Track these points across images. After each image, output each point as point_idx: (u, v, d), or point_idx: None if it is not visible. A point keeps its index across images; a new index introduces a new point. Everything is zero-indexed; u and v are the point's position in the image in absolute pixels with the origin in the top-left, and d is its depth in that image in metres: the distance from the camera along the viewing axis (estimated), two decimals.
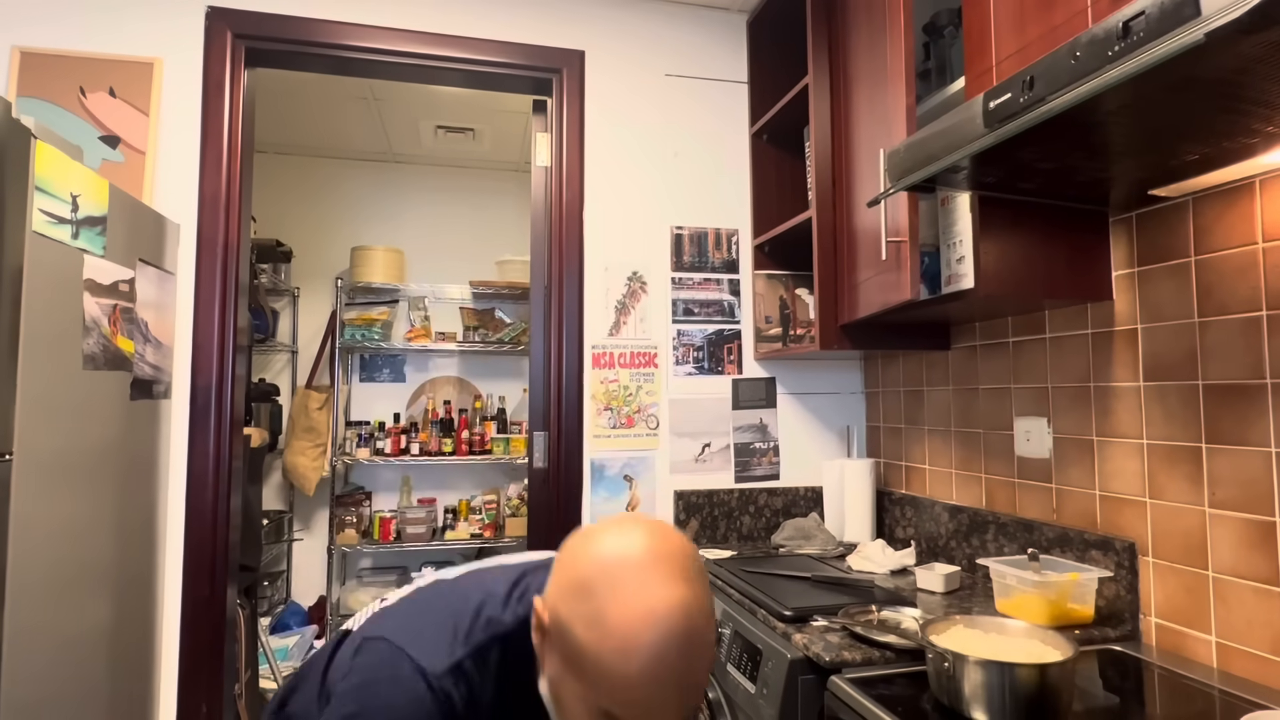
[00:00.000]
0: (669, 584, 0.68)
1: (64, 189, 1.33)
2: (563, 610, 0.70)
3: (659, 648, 0.66)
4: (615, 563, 0.69)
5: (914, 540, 1.93)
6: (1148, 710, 1.10)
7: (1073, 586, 1.33)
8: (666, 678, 0.66)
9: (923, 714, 1.03)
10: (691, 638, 0.67)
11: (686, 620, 0.67)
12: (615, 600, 0.67)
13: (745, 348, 2.19)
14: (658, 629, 0.66)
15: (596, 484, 2.05)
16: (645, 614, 0.66)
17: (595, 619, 0.67)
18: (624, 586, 0.68)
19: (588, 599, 0.68)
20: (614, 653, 0.66)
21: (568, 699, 0.70)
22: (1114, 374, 1.39)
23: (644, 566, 0.69)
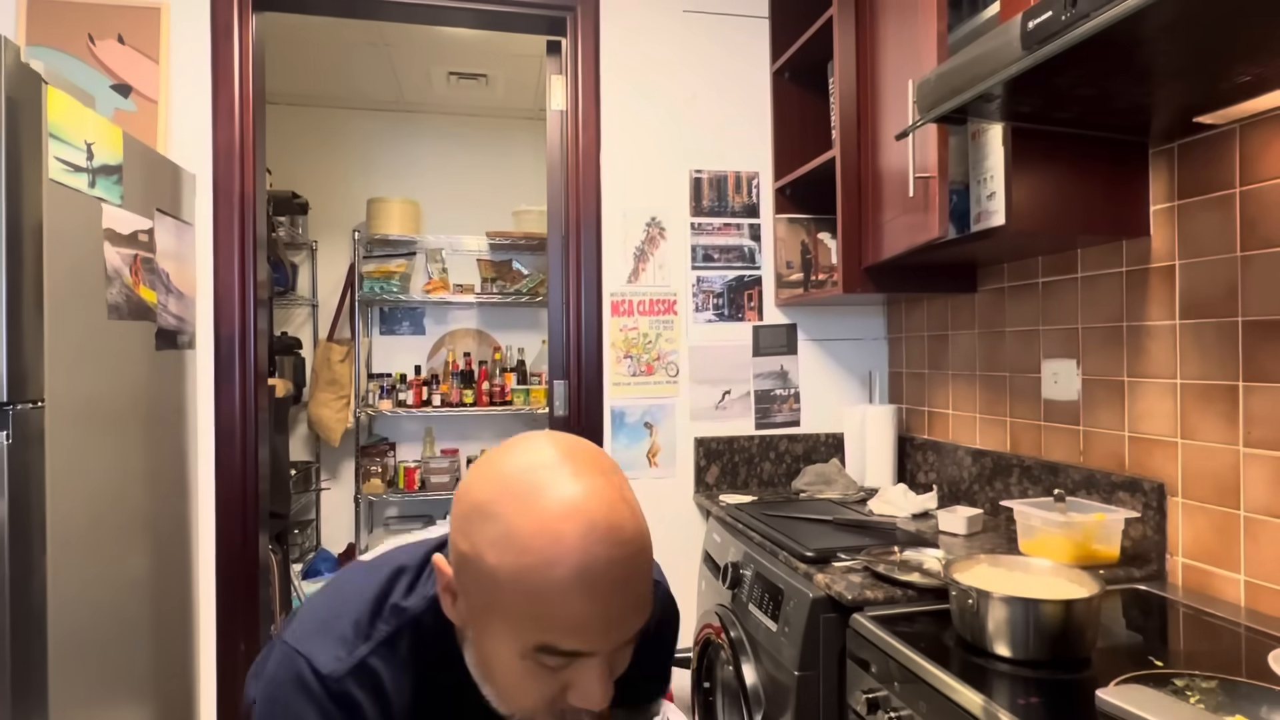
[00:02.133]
0: (579, 478, 0.58)
1: (78, 136, 1.32)
2: (465, 546, 0.59)
3: (583, 546, 0.56)
4: (513, 473, 0.59)
5: (936, 485, 1.93)
6: (1171, 647, 1.10)
7: (1098, 527, 1.32)
8: (599, 581, 0.56)
9: (945, 650, 1.04)
10: (616, 530, 0.57)
11: (609, 510, 0.57)
12: (522, 510, 0.57)
13: (766, 294, 2.16)
14: (577, 525, 0.56)
15: (617, 431, 2.06)
16: (559, 513, 0.56)
17: (504, 538, 0.57)
18: (529, 493, 0.57)
19: (491, 521, 0.58)
20: (533, 568, 0.55)
21: (495, 652, 0.60)
22: (1148, 313, 1.35)
23: (546, 467, 0.59)
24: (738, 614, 1.57)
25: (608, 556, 0.56)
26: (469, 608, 0.62)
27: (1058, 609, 0.97)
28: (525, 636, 0.57)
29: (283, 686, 0.64)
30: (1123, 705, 0.75)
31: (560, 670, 0.59)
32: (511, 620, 0.57)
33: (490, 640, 0.60)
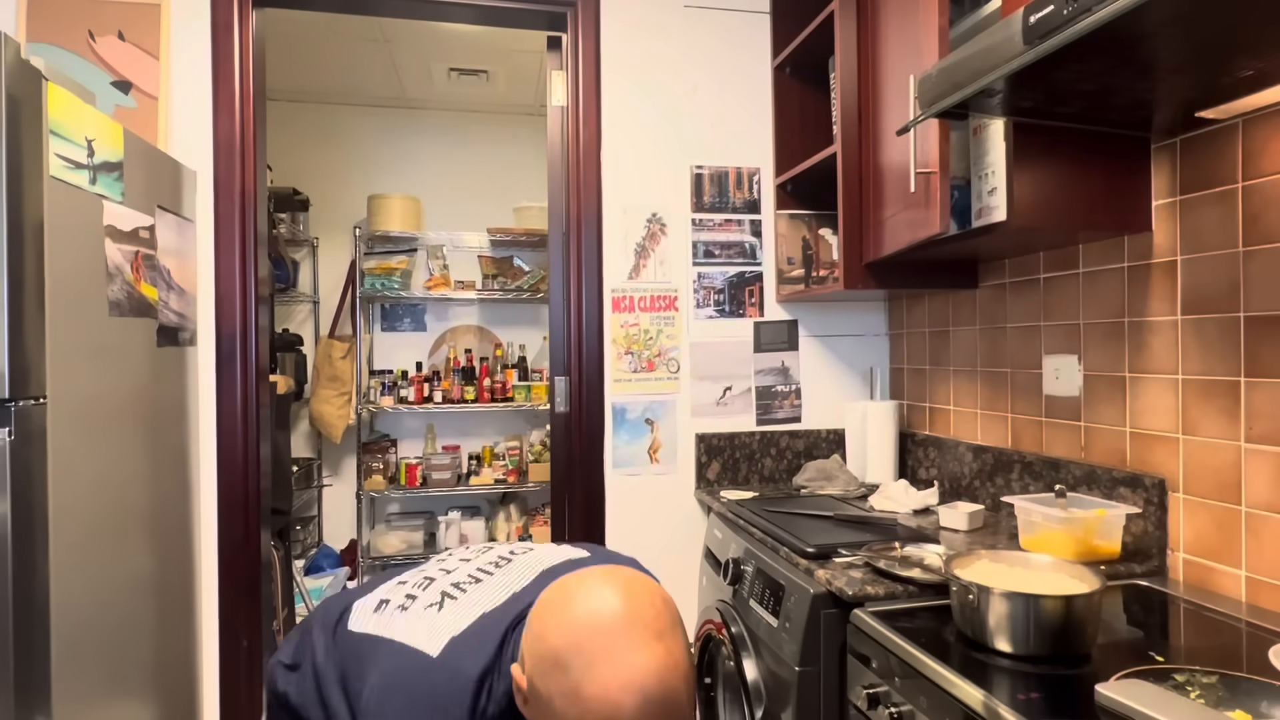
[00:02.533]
0: (643, 649, 0.68)
1: (79, 133, 1.32)
2: (539, 685, 0.70)
3: (638, 706, 0.66)
4: (587, 633, 0.69)
5: (937, 481, 1.93)
6: (1172, 643, 1.10)
7: (1099, 523, 1.32)
8: None
9: (946, 645, 1.04)
10: (669, 703, 0.67)
11: (663, 688, 0.67)
12: (590, 674, 0.67)
13: (767, 290, 2.16)
14: (634, 701, 0.66)
15: (618, 427, 2.06)
16: (622, 687, 0.66)
17: (573, 694, 0.67)
18: (598, 659, 0.67)
19: (563, 673, 0.68)
20: (608, 699, 0.66)
21: None
22: (1150, 308, 1.35)
23: (615, 633, 0.69)
24: (739, 610, 1.57)
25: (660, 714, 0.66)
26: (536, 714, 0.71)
27: (1058, 604, 0.97)
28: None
29: None
30: (1123, 700, 0.75)
31: None
32: None
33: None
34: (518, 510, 3.54)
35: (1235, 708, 0.77)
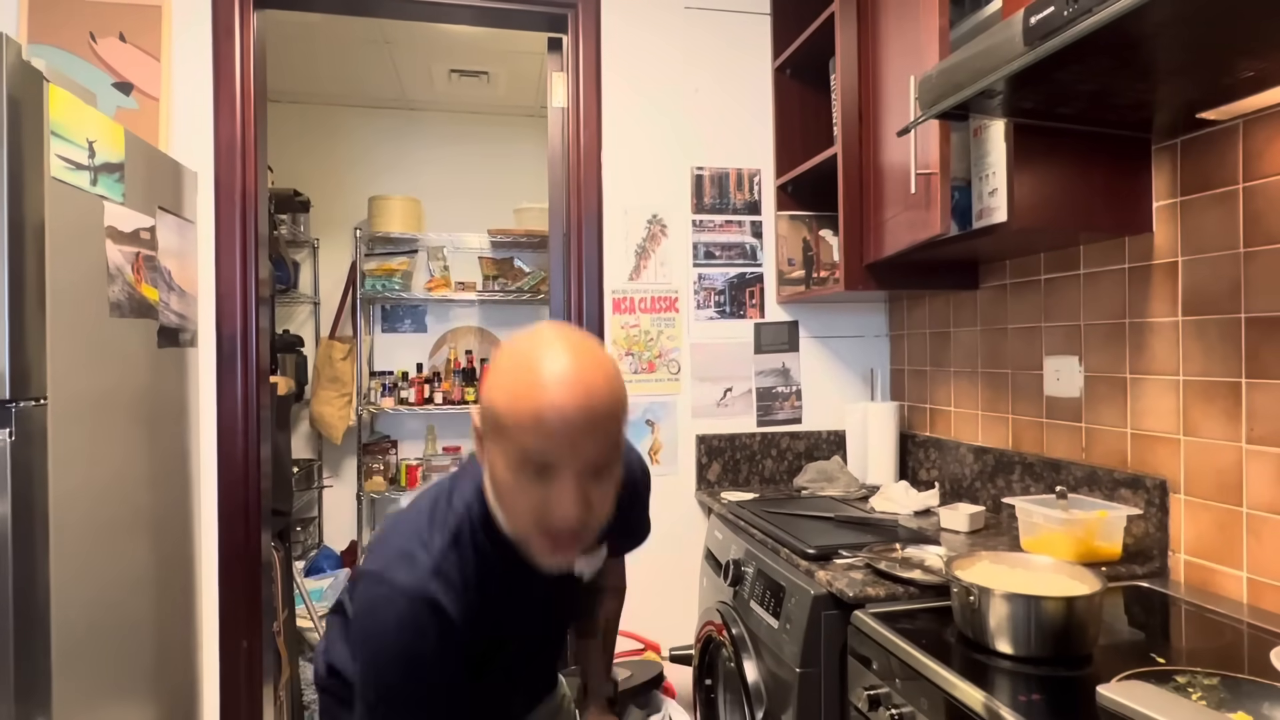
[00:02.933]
0: (568, 355, 0.78)
1: (80, 134, 1.32)
2: (484, 399, 0.81)
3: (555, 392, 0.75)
4: (521, 350, 0.80)
5: (938, 482, 1.92)
6: (1174, 644, 1.10)
7: (1100, 524, 1.32)
8: (563, 413, 0.74)
9: (947, 647, 1.04)
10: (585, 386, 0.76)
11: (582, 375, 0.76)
12: (525, 366, 0.77)
13: (767, 291, 2.16)
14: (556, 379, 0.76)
15: None
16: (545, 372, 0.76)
17: (504, 387, 0.77)
18: (528, 362, 0.78)
19: (500, 378, 0.79)
20: (521, 399, 0.75)
21: (499, 474, 0.79)
22: (1151, 309, 1.35)
23: (545, 345, 0.79)
24: (739, 611, 1.57)
25: (575, 399, 0.75)
26: (487, 444, 0.81)
27: (1059, 606, 0.97)
28: (514, 451, 0.76)
29: (373, 607, 0.79)
30: (1124, 701, 0.75)
31: (541, 485, 0.77)
32: (507, 441, 0.77)
33: (496, 461, 0.79)
34: None
35: (1237, 709, 0.77)
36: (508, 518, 0.83)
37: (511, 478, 0.78)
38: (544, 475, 0.76)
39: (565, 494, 0.77)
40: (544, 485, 0.77)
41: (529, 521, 0.79)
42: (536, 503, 0.78)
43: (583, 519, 0.78)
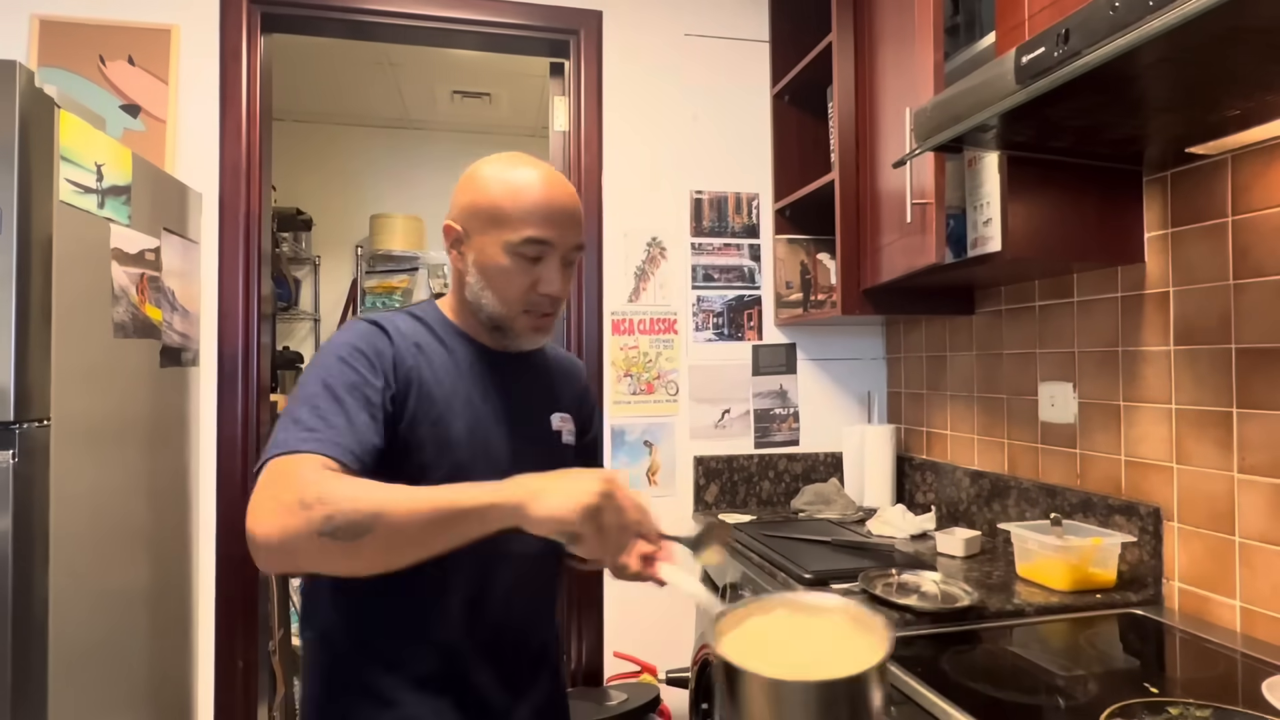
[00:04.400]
0: (545, 165, 0.96)
1: (89, 158, 1.34)
2: (469, 198, 0.95)
3: (547, 176, 0.94)
4: (510, 160, 0.96)
5: (934, 505, 1.93)
6: (1168, 673, 1.11)
7: (1095, 551, 1.32)
8: (556, 194, 0.93)
9: (942, 674, 1.04)
10: (567, 184, 0.96)
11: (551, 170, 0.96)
12: (520, 172, 0.93)
13: (765, 313, 2.18)
14: (544, 170, 0.94)
15: (617, 449, 2.07)
16: (525, 166, 0.94)
17: (496, 177, 0.93)
18: (521, 166, 0.94)
19: (487, 174, 0.95)
20: (518, 183, 0.92)
21: (492, 259, 0.92)
22: (1143, 338, 1.37)
23: (527, 159, 0.96)
24: None
25: (558, 186, 0.94)
26: (473, 238, 0.94)
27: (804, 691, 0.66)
28: (514, 234, 0.91)
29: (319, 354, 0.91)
30: None
31: (533, 265, 0.92)
32: (508, 230, 0.91)
33: (489, 251, 0.93)
34: None
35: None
36: (498, 300, 0.94)
37: (507, 262, 0.92)
38: (536, 257, 0.92)
39: (553, 272, 0.93)
40: (534, 267, 0.92)
41: (519, 299, 0.93)
42: (528, 282, 0.92)
43: (563, 293, 0.95)
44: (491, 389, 0.98)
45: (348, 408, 0.83)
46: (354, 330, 0.92)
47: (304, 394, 0.85)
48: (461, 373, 0.96)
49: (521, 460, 0.91)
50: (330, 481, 0.74)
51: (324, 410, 0.82)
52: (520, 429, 1.00)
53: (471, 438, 0.94)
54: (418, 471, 0.88)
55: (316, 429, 0.80)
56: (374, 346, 0.90)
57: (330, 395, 0.83)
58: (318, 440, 0.79)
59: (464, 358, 0.98)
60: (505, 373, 1.00)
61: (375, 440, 0.84)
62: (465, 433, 0.93)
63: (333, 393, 0.84)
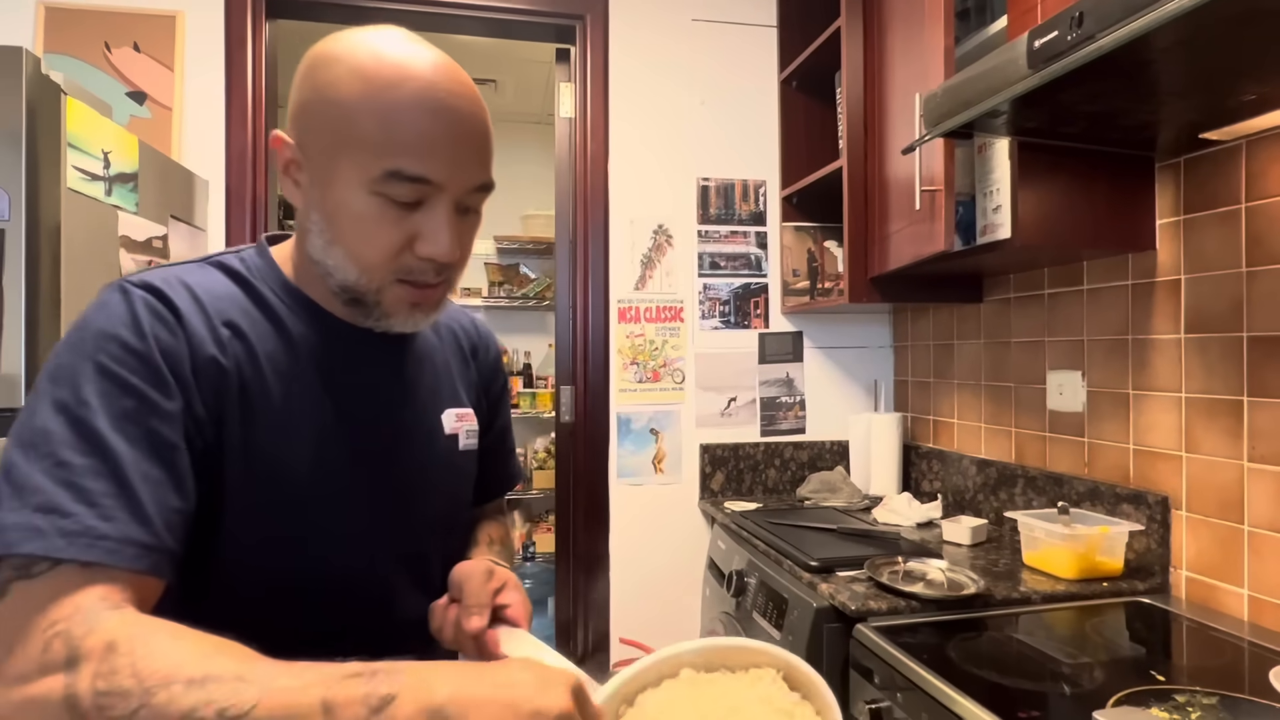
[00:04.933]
0: (424, 43, 0.63)
1: (95, 146, 1.34)
2: (307, 96, 0.62)
3: (430, 70, 0.59)
4: (353, 34, 0.62)
5: (940, 494, 1.93)
6: (1174, 661, 1.11)
7: (1102, 540, 1.32)
8: (445, 102, 0.59)
9: (948, 661, 1.05)
10: (459, 75, 0.62)
11: (451, 63, 0.62)
12: (370, 52, 0.60)
13: (772, 301, 2.17)
14: (424, 58, 0.60)
15: (623, 437, 2.07)
16: (406, 52, 0.60)
17: (351, 72, 0.59)
18: (376, 44, 0.61)
19: (335, 63, 0.60)
20: (383, 85, 0.58)
21: (344, 198, 0.59)
22: (1154, 326, 1.36)
23: (397, 34, 0.63)
24: (741, 622, 1.58)
25: (452, 85, 0.60)
26: (314, 162, 0.61)
27: None
28: (374, 164, 0.58)
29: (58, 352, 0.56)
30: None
31: (409, 213, 0.60)
32: (361, 149, 0.58)
33: (339, 186, 0.60)
34: (522, 517, 3.55)
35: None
36: (353, 262, 0.62)
37: (367, 203, 0.59)
38: (414, 202, 0.60)
39: (439, 224, 0.60)
40: (410, 215, 0.60)
41: (384, 262, 0.61)
42: (399, 239, 0.60)
43: (454, 255, 0.62)
44: (350, 386, 0.67)
45: (123, 460, 0.51)
46: (114, 308, 0.56)
47: (32, 433, 0.50)
48: (302, 366, 0.64)
49: (403, 493, 0.69)
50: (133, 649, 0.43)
51: (77, 470, 0.49)
52: (399, 444, 0.70)
53: (320, 470, 0.63)
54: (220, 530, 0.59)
55: (70, 509, 0.48)
56: (154, 338, 0.56)
57: (89, 439, 0.50)
58: (79, 538, 0.47)
59: (307, 340, 0.65)
60: (373, 359, 0.69)
61: (178, 505, 0.54)
62: (310, 463, 0.63)
63: (93, 434, 0.51)
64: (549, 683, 0.45)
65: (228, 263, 0.67)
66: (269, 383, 0.62)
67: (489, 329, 0.90)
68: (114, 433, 0.51)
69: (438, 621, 0.67)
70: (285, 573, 0.63)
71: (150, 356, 0.55)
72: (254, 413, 0.61)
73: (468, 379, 0.82)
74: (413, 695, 0.43)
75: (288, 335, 0.65)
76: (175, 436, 0.55)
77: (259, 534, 0.61)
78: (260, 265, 0.68)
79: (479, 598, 0.65)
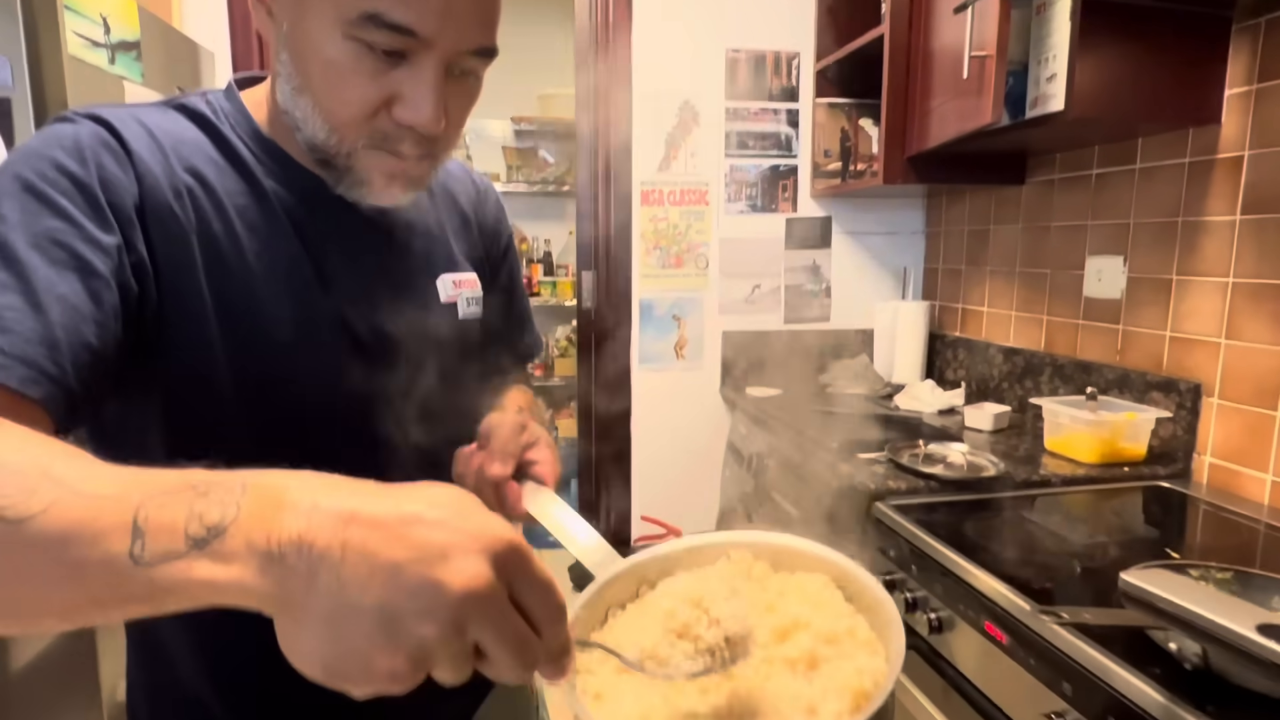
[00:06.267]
0: None
1: (93, 9, 1.27)
2: None
3: None
4: None
5: (964, 382, 1.92)
6: (1189, 541, 1.13)
7: (1128, 426, 1.32)
8: None
9: (964, 538, 1.07)
10: None
11: None
12: None
13: (801, 184, 2.09)
14: None
15: (645, 323, 2.07)
16: None
17: None
18: None
19: None
20: None
21: (315, 40, 0.51)
22: (1207, 207, 1.29)
23: None
24: (760, 502, 1.62)
25: None
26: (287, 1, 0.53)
27: None
28: (351, 1, 0.49)
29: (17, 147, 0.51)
30: (1146, 587, 0.77)
31: (389, 68, 0.52)
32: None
33: (310, 22, 0.51)
34: (544, 404, 3.63)
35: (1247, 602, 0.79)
36: (321, 117, 0.54)
37: (340, 49, 0.51)
38: (395, 53, 0.51)
39: (424, 86, 0.52)
40: (392, 70, 0.52)
41: (358, 121, 0.53)
42: (375, 96, 0.52)
43: (437, 125, 0.53)
44: (331, 252, 0.60)
45: (36, 277, 0.45)
46: (57, 133, 0.51)
47: None
48: (277, 224, 0.57)
49: (394, 365, 0.62)
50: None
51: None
52: (388, 312, 0.63)
53: (302, 341, 0.57)
54: (186, 401, 0.54)
55: None
56: (96, 167, 0.50)
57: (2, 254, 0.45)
58: None
59: (281, 198, 0.58)
60: (355, 222, 0.61)
61: (92, 342, 0.47)
62: (292, 326, 0.57)
63: (7, 249, 0.46)
64: (467, 536, 0.31)
65: (193, 105, 0.59)
66: (239, 236, 0.55)
67: (486, 179, 0.81)
68: (31, 250, 0.46)
69: (461, 467, 0.62)
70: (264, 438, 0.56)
71: (88, 185, 0.49)
72: (224, 267, 0.54)
73: (467, 240, 0.74)
74: (254, 524, 0.31)
75: (260, 190, 0.58)
76: (104, 269, 0.48)
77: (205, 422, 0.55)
78: (229, 110, 0.60)
79: (507, 447, 0.60)
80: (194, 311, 0.53)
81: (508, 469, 0.59)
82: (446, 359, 0.68)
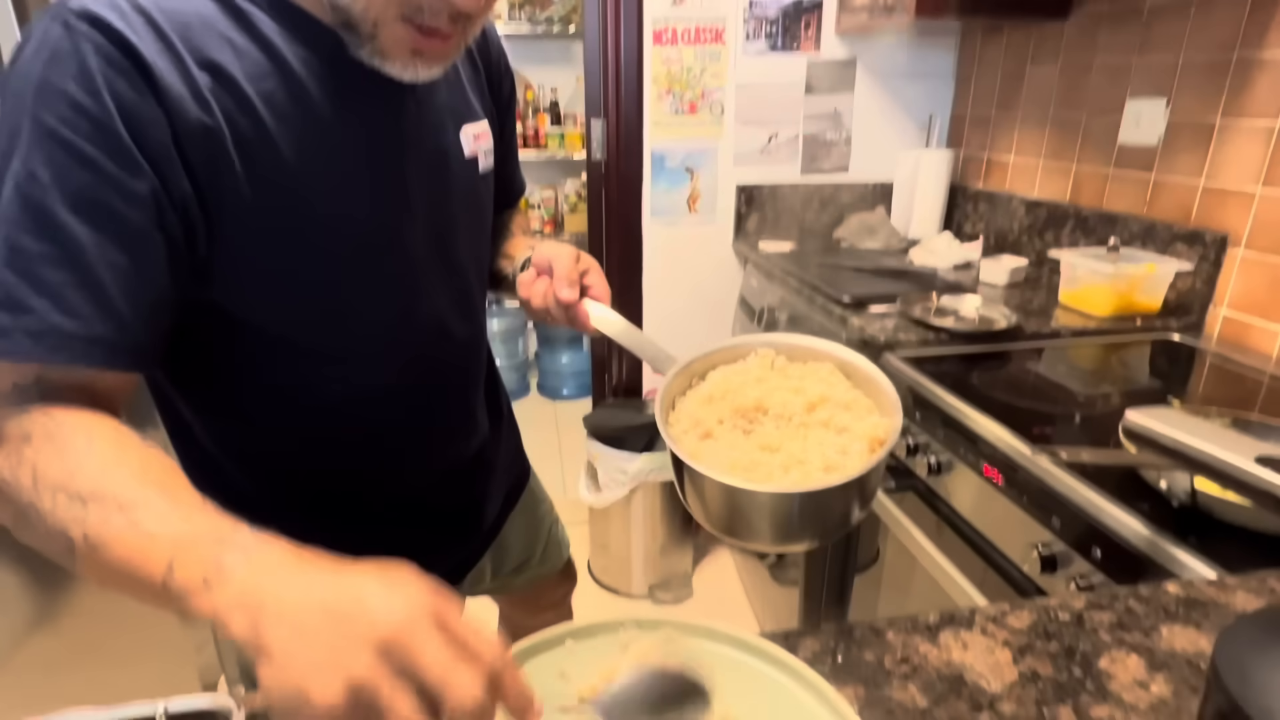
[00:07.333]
0: None
1: None
2: None
3: None
4: None
5: (983, 235, 1.88)
6: (1191, 390, 1.15)
7: (1146, 278, 1.30)
8: None
9: (969, 386, 1.09)
10: None
11: None
12: None
13: (826, 20, 1.93)
14: None
15: (657, 176, 2.00)
16: None
17: None
18: None
19: None
20: None
21: None
22: (1268, 39, 1.19)
23: None
24: None
25: None
26: None
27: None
28: None
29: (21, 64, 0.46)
30: (1148, 425, 0.79)
31: None
32: None
33: None
34: None
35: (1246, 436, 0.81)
36: None
37: None
38: None
39: None
40: None
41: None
42: None
43: (478, 4, 0.52)
44: (366, 118, 0.58)
45: (85, 247, 0.45)
46: (59, 53, 0.45)
47: None
48: (308, 102, 0.54)
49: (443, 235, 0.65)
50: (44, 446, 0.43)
51: (34, 258, 0.44)
52: (430, 177, 0.63)
53: (350, 225, 0.57)
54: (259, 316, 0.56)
55: (31, 304, 0.44)
56: (111, 97, 0.45)
57: (43, 223, 0.44)
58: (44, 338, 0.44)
59: (309, 65, 0.54)
60: (386, 80, 0.56)
61: (149, 295, 0.49)
62: (338, 221, 0.57)
63: (47, 216, 0.44)
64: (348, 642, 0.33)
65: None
66: (271, 133, 0.52)
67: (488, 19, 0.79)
68: (71, 215, 0.45)
69: (525, 291, 0.71)
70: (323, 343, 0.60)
71: (108, 123, 0.45)
72: (257, 175, 0.52)
73: (478, 85, 0.72)
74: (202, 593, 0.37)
75: (284, 65, 0.53)
76: (144, 222, 0.47)
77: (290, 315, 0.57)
78: None
79: (570, 274, 0.68)
80: (241, 220, 0.53)
81: (575, 293, 0.68)
82: (476, 217, 0.72)
